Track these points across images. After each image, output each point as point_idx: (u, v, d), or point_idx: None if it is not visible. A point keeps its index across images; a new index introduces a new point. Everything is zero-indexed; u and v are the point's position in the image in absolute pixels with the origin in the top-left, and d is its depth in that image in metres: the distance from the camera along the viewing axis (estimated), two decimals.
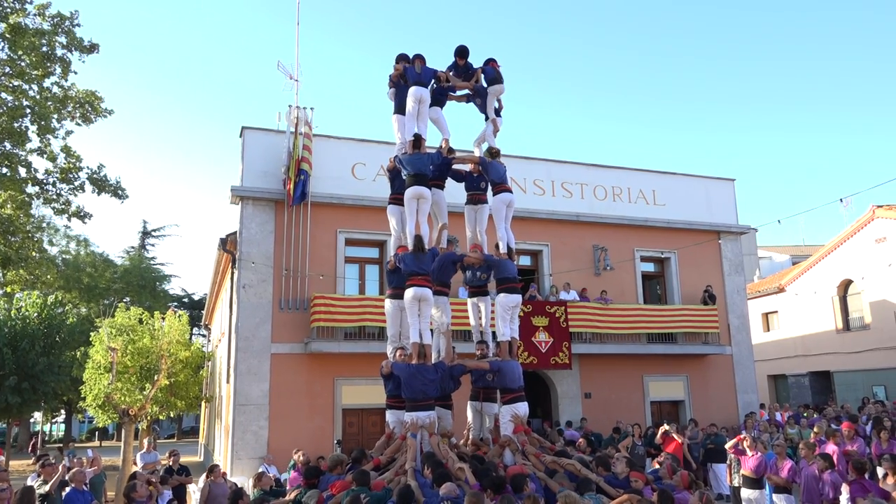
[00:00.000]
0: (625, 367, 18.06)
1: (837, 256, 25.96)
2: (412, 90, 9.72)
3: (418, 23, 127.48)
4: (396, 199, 9.63)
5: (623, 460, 7.64)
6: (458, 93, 10.61)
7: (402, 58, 10.02)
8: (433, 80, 10.09)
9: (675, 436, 14.03)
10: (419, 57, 9.94)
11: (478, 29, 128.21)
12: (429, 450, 7.74)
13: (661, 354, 18.26)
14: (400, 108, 9.99)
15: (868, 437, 13.07)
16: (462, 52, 10.30)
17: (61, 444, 30.44)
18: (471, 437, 9.29)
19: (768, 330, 29.56)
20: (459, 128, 15.34)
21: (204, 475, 11.26)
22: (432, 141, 10.06)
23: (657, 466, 9.67)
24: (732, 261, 20.19)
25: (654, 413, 18.32)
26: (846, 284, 25.93)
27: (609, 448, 12.63)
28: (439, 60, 10.39)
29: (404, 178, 9.31)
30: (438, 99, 10.25)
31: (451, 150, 9.88)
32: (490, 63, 10.46)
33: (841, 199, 15.64)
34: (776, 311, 29.20)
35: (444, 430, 8.59)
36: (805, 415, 18.20)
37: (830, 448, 10.66)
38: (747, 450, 10.96)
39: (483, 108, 10.49)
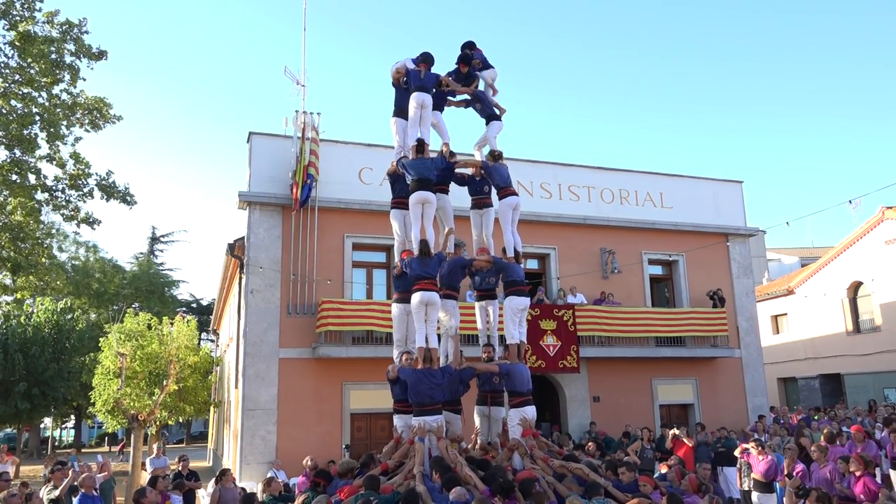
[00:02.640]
0: (633, 371, 17.98)
1: (847, 258, 25.82)
2: (415, 95, 9.70)
3: (424, 27, 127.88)
4: (399, 203, 9.62)
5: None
6: (458, 97, 10.60)
7: (424, 58, 9.93)
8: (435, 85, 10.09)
9: (685, 440, 13.97)
10: (424, 61, 9.93)
11: (484, 32, 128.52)
12: (437, 454, 7.73)
13: (669, 357, 18.16)
14: (400, 112, 9.96)
15: (880, 441, 12.97)
16: (465, 58, 10.29)
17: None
18: (479, 441, 9.28)
19: (778, 332, 29.40)
20: (459, 132, 15.36)
21: (213, 480, 11.29)
22: (432, 146, 10.05)
23: (665, 470, 9.64)
24: (741, 263, 20.09)
25: (662, 416, 18.22)
26: (856, 286, 25.79)
27: (618, 452, 12.59)
28: (443, 65, 10.39)
29: (408, 182, 9.31)
30: (438, 103, 10.22)
31: (451, 154, 9.88)
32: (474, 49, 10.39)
33: (850, 201, 15.53)
34: (785, 314, 29.05)
35: (454, 434, 8.57)
36: (816, 417, 18.08)
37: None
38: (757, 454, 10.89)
39: (482, 113, 10.48)
